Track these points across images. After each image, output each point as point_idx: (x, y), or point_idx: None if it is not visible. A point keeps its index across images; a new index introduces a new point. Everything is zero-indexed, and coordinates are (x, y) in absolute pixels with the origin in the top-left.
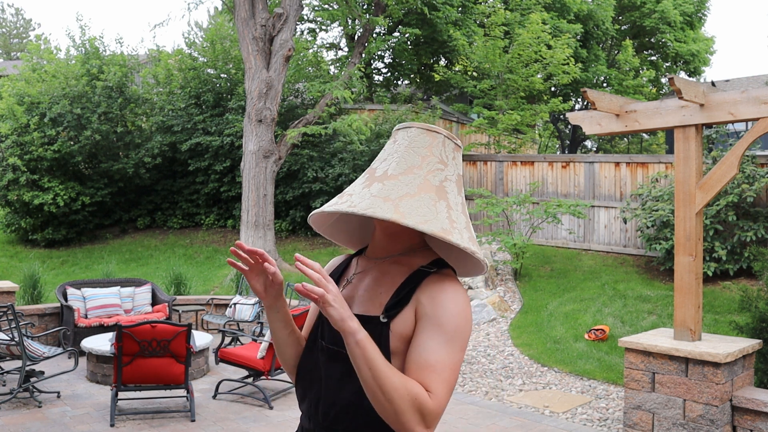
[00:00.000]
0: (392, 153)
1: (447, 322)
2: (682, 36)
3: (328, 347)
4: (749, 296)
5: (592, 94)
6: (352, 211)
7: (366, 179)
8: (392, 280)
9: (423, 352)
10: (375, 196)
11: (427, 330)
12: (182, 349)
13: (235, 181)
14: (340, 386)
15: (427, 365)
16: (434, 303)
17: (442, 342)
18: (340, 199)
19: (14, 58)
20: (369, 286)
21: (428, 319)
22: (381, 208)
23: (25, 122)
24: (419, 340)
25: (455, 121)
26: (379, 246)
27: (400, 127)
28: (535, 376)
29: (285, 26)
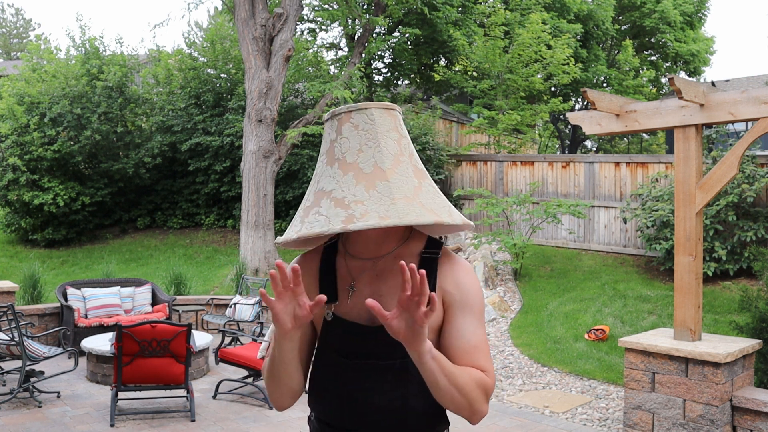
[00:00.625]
0: (365, 142)
1: (474, 303)
2: (682, 36)
3: (361, 363)
4: (749, 296)
5: (592, 94)
6: (389, 223)
7: (354, 176)
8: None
9: (466, 337)
10: (396, 199)
11: (462, 315)
12: (182, 349)
13: (235, 181)
14: (379, 395)
15: (472, 348)
16: (459, 289)
17: (476, 322)
18: (345, 210)
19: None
20: (381, 289)
21: (459, 306)
22: (415, 211)
23: (25, 122)
24: (457, 326)
25: (455, 121)
26: (370, 245)
27: (352, 108)
28: (535, 376)
29: (285, 26)
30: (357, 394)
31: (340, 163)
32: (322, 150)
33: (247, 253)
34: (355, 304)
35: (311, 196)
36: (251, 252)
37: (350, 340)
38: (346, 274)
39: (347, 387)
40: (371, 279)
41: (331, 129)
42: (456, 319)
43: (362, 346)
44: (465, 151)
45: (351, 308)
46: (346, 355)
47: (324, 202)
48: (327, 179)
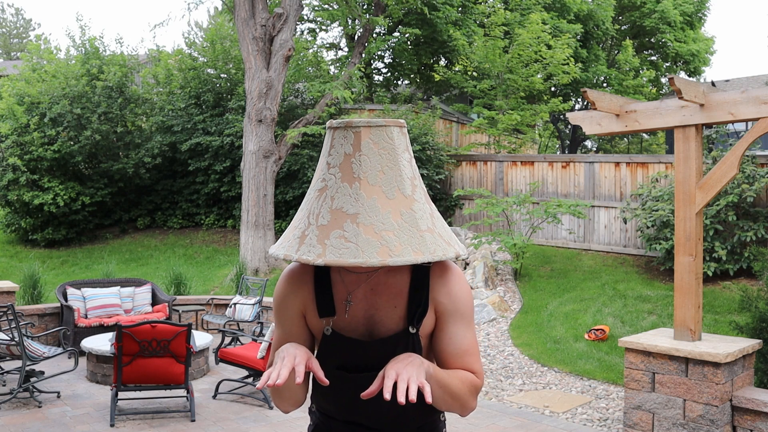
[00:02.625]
0: (387, 164)
1: (464, 309)
2: (682, 36)
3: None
4: (749, 296)
5: (592, 94)
6: (423, 260)
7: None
8: (399, 289)
9: (457, 343)
10: (422, 231)
11: (454, 322)
12: (182, 349)
13: (235, 181)
14: (380, 403)
15: (464, 352)
16: (451, 298)
17: (467, 326)
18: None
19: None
20: (376, 302)
21: (451, 314)
22: (443, 247)
23: (25, 122)
24: (449, 332)
25: (455, 121)
26: None
27: (372, 123)
28: (535, 376)
29: (285, 26)
30: (357, 402)
31: (361, 184)
32: (332, 161)
33: (247, 253)
34: (352, 318)
35: (326, 214)
36: (251, 252)
37: (349, 355)
38: (341, 287)
39: (347, 397)
40: (366, 292)
41: (345, 141)
42: (448, 327)
43: (361, 360)
44: (465, 151)
45: (348, 322)
46: (346, 369)
47: (349, 227)
48: (346, 199)
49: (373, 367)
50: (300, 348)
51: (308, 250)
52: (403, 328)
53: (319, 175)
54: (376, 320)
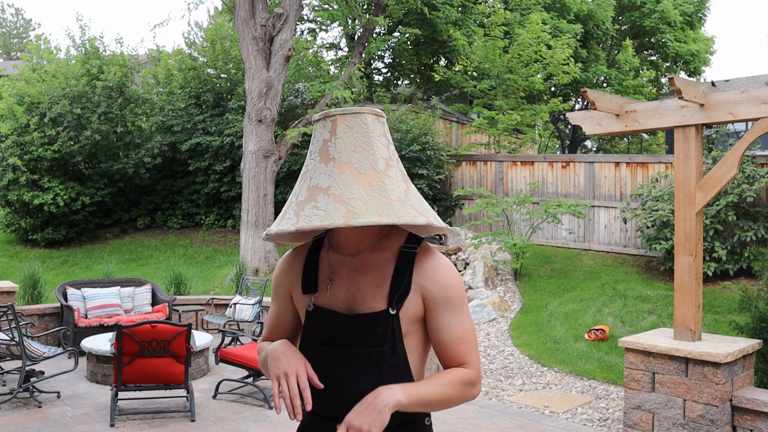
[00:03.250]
0: (360, 144)
1: (454, 296)
2: (682, 36)
3: (341, 351)
4: (749, 296)
5: (592, 94)
6: (388, 222)
7: (350, 176)
8: (382, 270)
9: (449, 331)
10: (392, 201)
11: (444, 311)
12: (182, 349)
13: (235, 181)
14: (358, 382)
15: (456, 341)
16: (438, 285)
17: (458, 314)
18: (345, 207)
19: (14, 58)
20: (359, 282)
21: (440, 302)
22: (408, 213)
23: (25, 122)
24: (441, 321)
25: (455, 121)
26: (350, 240)
27: (347, 111)
28: (535, 376)
29: (285, 26)
30: (339, 381)
31: (335, 162)
32: (313, 148)
33: (247, 253)
34: (333, 295)
35: (305, 191)
36: (251, 252)
37: (330, 329)
38: (327, 267)
39: (330, 375)
40: (349, 272)
41: (324, 129)
42: (439, 316)
43: (341, 334)
44: (465, 151)
45: (329, 299)
46: (328, 344)
47: (321, 198)
48: (322, 176)
49: (352, 343)
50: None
51: (285, 223)
52: (384, 308)
53: (305, 162)
54: (357, 299)
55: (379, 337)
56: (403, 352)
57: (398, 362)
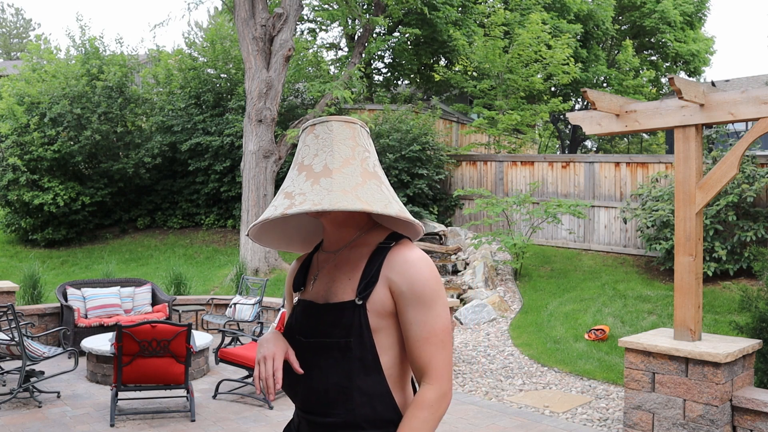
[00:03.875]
0: (322, 148)
1: (422, 292)
2: (682, 36)
3: (312, 341)
4: (749, 296)
5: (592, 94)
6: (319, 208)
7: (305, 175)
8: (356, 264)
9: (415, 329)
10: (333, 191)
11: (410, 306)
12: (182, 349)
13: (235, 181)
14: (328, 373)
15: (422, 340)
16: (406, 278)
17: (427, 312)
18: (290, 200)
19: (14, 58)
20: (336, 275)
21: (406, 297)
22: (347, 200)
23: (25, 122)
24: (407, 318)
25: (455, 121)
26: (332, 238)
27: (316, 122)
28: (535, 376)
29: (285, 26)
30: (311, 372)
31: (299, 167)
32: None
33: (247, 253)
34: (315, 289)
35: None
36: (251, 252)
37: (306, 320)
38: (315, 265)
39: (305, 366)
40: (331, 268)
41: (300, 141)
42: (405, 311)
43: (314, 324)
44: (465, 151)
45: (311, 293)
46: (303, 335)
47: (278, 198)
48: (288, 181)
49: (321, 333)
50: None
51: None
52: (352, 298)
53: None
54: (332, 291)
55: (346, 327)
56: (372, 346)
57: (366, 355)
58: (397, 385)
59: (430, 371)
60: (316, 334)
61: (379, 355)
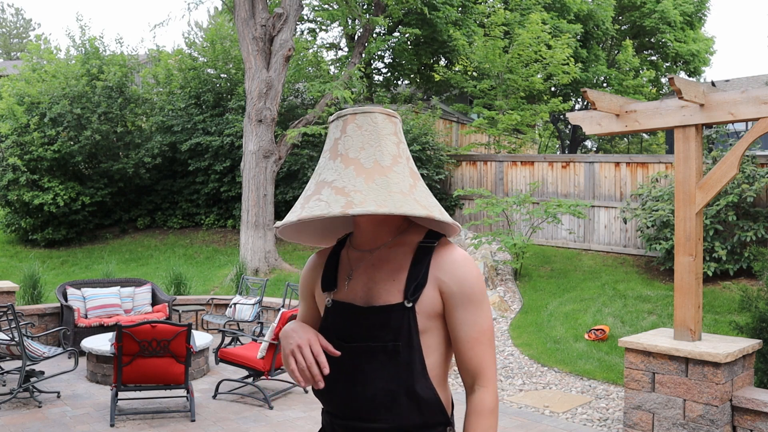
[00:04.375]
0: (368, 141)
1: (473, 292)
2: (682, 36)
3: (355, 345)
4: (749, 296)
5: (592, 94)
6: (385, 211)
7: (354, 170)
8: (399, 264)
9: (466, 329)
10: (393, 192)
11: (461, 307)
12: (182, 349)
13: (235, 181)
14: (373, 378)
15: (473, 340)
16: (456, 279)
17: (476, 311)
18: (345, 198)
19: (14, 58)
20: (376, 276)
21: (458, 297)
22: (409, 204)
23: (25, 122)
24: (459, 318)
25: (455, 121)
26: (367, 236)
27: (357, 111)
28: (535, 376)
29: (285, 26)
30: (354, 377)
31: (342, 158)
32: (326, 147)
33: (247, 253)
34: (351, 290)
35: (312, 186)
36: (251, 252)
37: (346, 323)
38: (346, 264)
39: (344, 370)
40: (367, 267)
41: (336, 128)
42: (456, 312)
43: (357, 328)
44: (465, 151)
45: (347, 294)
46: (344, 339)
47: (325, 191)
48: (329, 171)
49: (366, 337)
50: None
51: (291, 215)
52: (400, 300)
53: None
54: (374, 293)
55: (395, 330)
56: (419, 348)
57: (414, 358)
58: (440, 386)
59: (483, 373)
60: (360, 337)
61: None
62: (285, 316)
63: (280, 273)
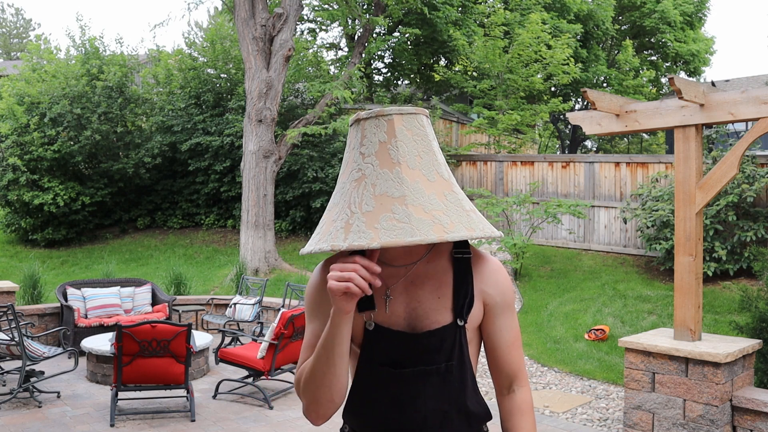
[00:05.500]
0: (423, 149)
1: (510, 299)
2: (682, 36)
3: (408, 371)
4: (749, 296)
5: (592, 94)
6: (475, 236)
7: (422, 185)
8: (440, 280)
9: (505, 335)
10: (469, 211)
11: (502, 314)
12: (182, 349)
13: (235, 181)
14: (426, 400)
15: (510, 344)
16: (499, 288)
17: (512, 315)
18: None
19: (14, 58)
20: (417, 295)
21: (500, 306)
22: (487, 225)
23: (25, 122)
24: (498, 325)
25: (455, 121)
26: (402, 250)
27: (404, 111)
28: (535, 376)
29: (285, 26)
30: (404, 400)
31: (402, 168)
32: (366, 151)
33: (247, 253)
34: (393, 311)
35: (371, 201)
36: (251, 252)
37: (393, 349)
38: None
39: (393, 396)
40: (406, 285)
41: (377, 129)
42: (498, 320)
43: (406, 353)
44: (465, 151)
45: (389, 316)
46: (392, 365)
47: (397, 209)
48: (390, 184)
49: (420, 361)
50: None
51: (358, 237)
52: (451, 320)
53: (353, 166)
54: (419, 313)
55: (448, 351)
56: (470, 365)
57: (466, 375)
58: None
59: (520, 374)
60: (411, 363)
61: None
62: (285, 316)
63: (280, 273)
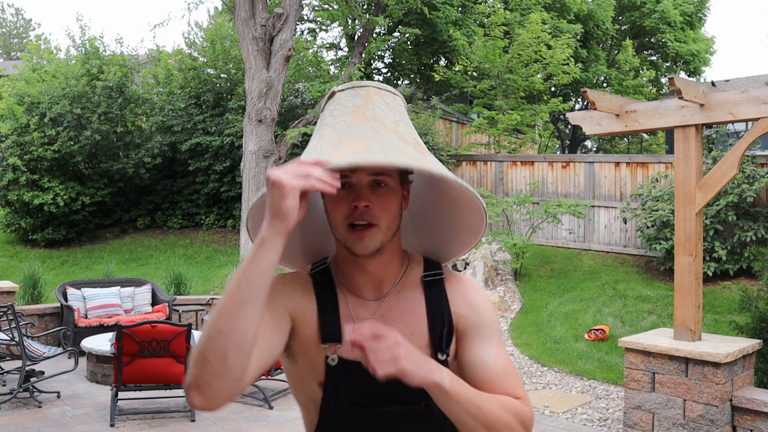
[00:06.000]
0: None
1: (490, 321)
2: (682, 36)
3: (383, 411)
4: (749, 296)
5: (592, 94)
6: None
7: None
8: (413, 312)
9: (492, 364)
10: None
11: (480, 340)
12: (182, 349)
13: (235, 181)
14: None
15: (501, 374)
16: (472, 309)
17: (497, 342)
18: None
19: (14, 58)
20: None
21: (476, 329)
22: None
23: (25, 122)
24: (479, 353)
25: (455, 121)
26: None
27: (381, 87)
28: (535, 376)
29: (285, 26)
30: None
31: (377, 124)
32: (339, 113)
33: (247, 253)
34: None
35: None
36: None
37: (364, 384)
38: (347, 313)
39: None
40: (378, 320)
41: (352, 97)
42: (476, 346)
43: (378, 391)
44: (465, 151)
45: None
46: (362, 404)
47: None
48: (363, 131)
49: (396, 400)
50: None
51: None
52: (430, 356)
53: (324, 130)
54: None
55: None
56: None
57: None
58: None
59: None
60: (385, 402)
61: None
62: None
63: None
